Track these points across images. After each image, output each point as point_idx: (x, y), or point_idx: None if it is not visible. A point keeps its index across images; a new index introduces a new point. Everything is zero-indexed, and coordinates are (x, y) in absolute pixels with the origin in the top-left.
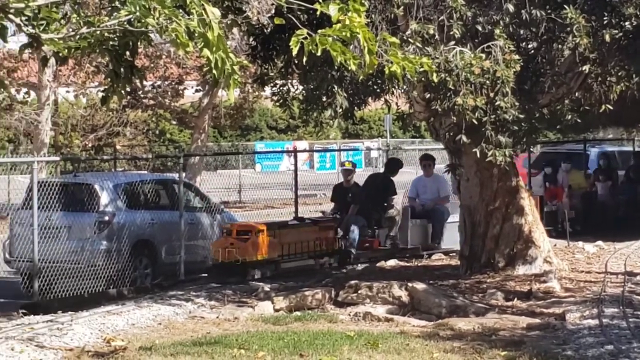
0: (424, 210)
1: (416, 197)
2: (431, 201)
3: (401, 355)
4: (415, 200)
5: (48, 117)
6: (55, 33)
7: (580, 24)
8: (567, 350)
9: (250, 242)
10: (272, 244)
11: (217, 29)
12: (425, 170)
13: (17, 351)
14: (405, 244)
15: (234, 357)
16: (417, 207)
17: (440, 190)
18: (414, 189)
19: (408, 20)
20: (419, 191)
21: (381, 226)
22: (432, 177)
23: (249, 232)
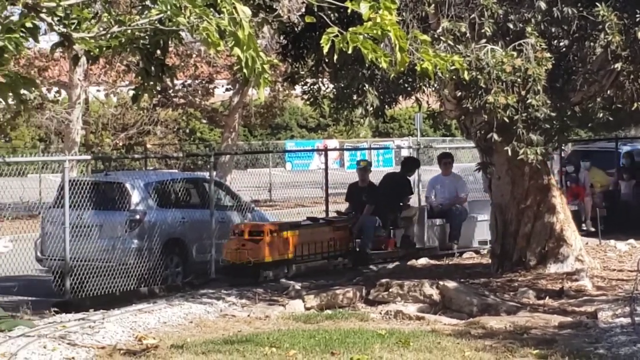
0: (441, 210)
1: (434, 196)
2: (449, 201)
3: (432, 354)
4: (433, 199)
5: (79, 116)
6: (86, 32)
7: (612, 22)
8: (599, 349)
9: (263, 243)
10: (285, 245)
11: (248, 27)
12: (444, 168)
13: (49, 349)
14: (421, 244)
15: (265, 355)
16: (435, 207)
17: (458, 190)
18: (431, 189)
19: (439, 18)
20: (436, 190)
21: (397, 226)
22: (450, 176)
23: (261, 233)
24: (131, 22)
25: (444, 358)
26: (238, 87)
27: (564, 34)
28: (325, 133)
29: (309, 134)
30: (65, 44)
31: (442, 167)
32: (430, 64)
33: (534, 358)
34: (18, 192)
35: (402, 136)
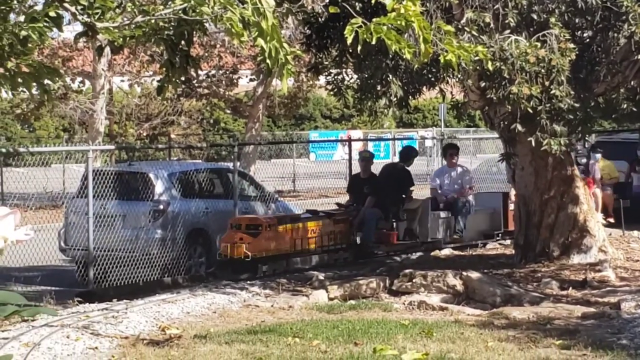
0: (446, 202)
1: (439, 188)
2: (454, 192)
3: (456, 344)
4: (438, 191)
5: (103, 106)
6: (110, 22)
7: (636, 12)
8: (622, 339)
9: (261, 237)
10: (284, 239)
11: (272, 18)
12: (449, 160)
13: (72, 339)
14: (425, 237)
15: (289, 345)
16: (440, 199)
17: (463, 181)
18: (436, 180)
19: (463, 8)
20: (441, 182)
21: (400, 219)
22: (456, 168)
23: (259, 227)
24: (155, 12)
25: (467, 348)
26: (262, 78)
27: (588, 25)
28: (349, 124)
29: (332, 124)
30: (89, 33)
31: (448, 158)
32: (454, 55)
33: (557, 348)
34: (42, 182)
35: (426, 127)
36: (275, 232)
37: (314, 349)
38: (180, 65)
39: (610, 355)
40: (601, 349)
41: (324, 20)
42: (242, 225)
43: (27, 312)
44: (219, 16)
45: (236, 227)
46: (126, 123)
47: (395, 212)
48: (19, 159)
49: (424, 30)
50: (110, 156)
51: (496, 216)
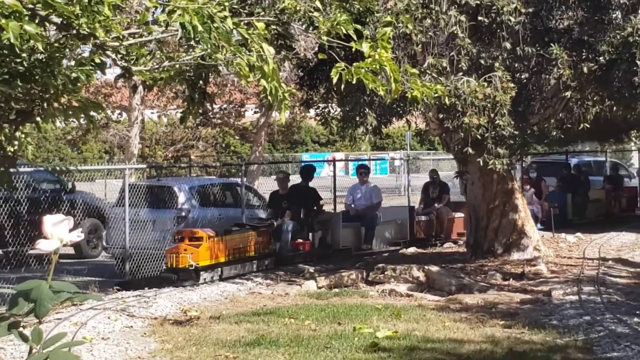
0: (357, 215)
1: (352, 202)
2: (364, 207)
3: (419, 324)
4: (351, 205)
5: (136, 133)
6: (143, 66)
7: (564, 59)
8: (553, 320)
9: (202, 248)
10: (221, 249)
11: (272, 63)
12: (360, 178)
13: (112, 319)
14: (337, 245)
15: (285, 324)
16: (352, 212)
17: (373, 197)
18: (349, 196)
19: (425, 55)
20: (354, 197)
21: (313, 230)
22: (366, 185)
23: (201, 239)
24: (179, 58)
25: (428, 327)
26: (264, 111)
27: (525, 68)
28: (334, 147)
29: (320, 147)
30: (126, 75)
31: (359, 177)
32: (419, 92)
33: (500, 327)
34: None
35: (395, 150)
36: (213, 243)
37: (306, 327)
38: (199, 100)
39: (544, 333)
40: (536, 328)
41: (314, 65)
42: (185, 238)
43: (78, 298)
44: (230, 61)
45: (179, 239)
46: (155, 147)
47: (310, 223)
48: (69, 176)
49: (394, 72)
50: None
51: (403, 227)
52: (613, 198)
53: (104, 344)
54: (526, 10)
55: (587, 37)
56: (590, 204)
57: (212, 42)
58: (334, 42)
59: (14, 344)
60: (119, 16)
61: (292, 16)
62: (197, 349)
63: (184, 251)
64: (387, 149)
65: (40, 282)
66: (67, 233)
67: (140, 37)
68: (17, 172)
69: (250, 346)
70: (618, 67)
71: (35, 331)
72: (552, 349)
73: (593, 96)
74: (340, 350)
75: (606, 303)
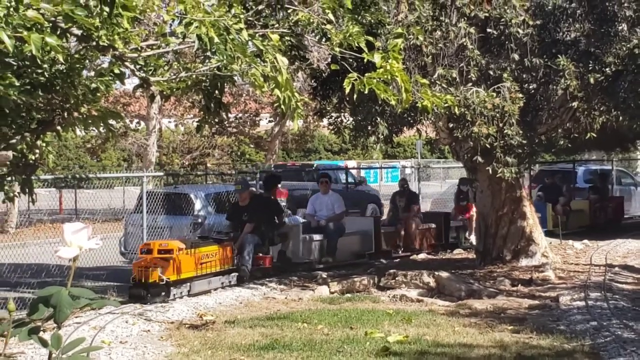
0: (319, 226)
1: (314, 213)
2: (326, 217)
3: (430, 329)
4: (313, 216)
5: (154, 141)
6: (160, 76)
7: (571, 70)
8: (561, 325)
9: (173, 261)
10: (190, 263)
11: (286, 73)
12: (322, 187)
13: (130, 324)
14: (297, 259)
15: (299, 329)
16: (313, 223)
17: (335, 207)
18: (311, 206)
19: (435, 66)
20: (315, 208)
21: (273, 243)
22: (329, 195)
23: (171, 251)
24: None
25: (438, 332)
26: (278, 120)
27: (533, 79)
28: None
29: (333, 156)
30: (144, 85)
31: (320, 187)
32: (429, 102)
33: (509, 332)
34: (106, 200)
35: (406, 158)
36: (183, 256)
37: (319, 332)
38: (215, 110)
39: (551, 338)
40: (544, 333)
41: (327, 75)
42: (154, 250)
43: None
44: (245, 72)
45: (147, 252)
46: (172, 155)
47: (271, 237)
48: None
49: (405, 83)
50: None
51: (367, 238)
52: (598, 208)
53: (121, 348)
54: (534, 23)
55: (593, 48)
56: (574, 214)
57: (227, 53)
58: (347, 53)
59: (35, 347)
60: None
61: (305, 28)
62: (212, 352)
63: (153, 265)
64: (398, 157)
65: (59, 288)
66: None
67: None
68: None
69: (265, 350)
70: (624, 78)
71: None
72: (560, 354)
73: (599, 106)
74: (352, 355)
75: (613, 309)
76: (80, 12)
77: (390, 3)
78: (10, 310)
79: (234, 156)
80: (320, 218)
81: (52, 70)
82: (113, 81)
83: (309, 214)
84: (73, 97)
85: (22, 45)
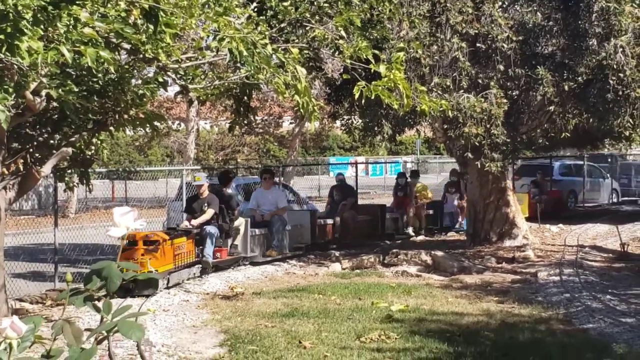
0: (263, 220)
1: (257, 208)
2: (269, 212)
3: (426, 299)
4: (256, 211)
5: (193, 140)
6: (197, 84)
7: (548, 79)
8: (539, 297)
9: (160, 252)
10: (170, 254)
11: (304, 82)
12: (265, 183)
13: (172, 294)
14: (245, 252)
15: (315, 299)
16: (257, 218)
17: (278, 202)
18: (254, 201)
19: (432, 75)
20: (259, 202)
21: (229, 236)
22: (271, 190)
23: (157, 242)
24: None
25: (434, 302)
26: (298, 121)
27: (515, 87)
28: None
29: (345, 152)
30: (183, 92)
31: (263, 182)
32: (426, 106)
33: (494, 303)
34: (152, 190)
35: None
36: (167, 247)
37: (332, 302)
38: (244, 113)
39: (531, 307)
40: (524, 303)
41: (339, 83)
42: (139, 242)
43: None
44: (269, 80)
45: (131, 242)
46: (208, 151)
47: (227, 230)
48: (137, 175)
49: (406, 90)
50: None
51: (304, 231)
52: (537, 202)
53: (164, 315)
54: (517, 38)
55: (567, 60)
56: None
57: (254, 64)
58: (356, 64)
59: (90, 314)
60: (178, 43)
61: (321, 43)
62: (241, 319)
63: (141, 256)
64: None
65: (110, 262)
66: (132, 222)
67: (195, 60)
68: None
69: (286, 317)
70: (593, 86)
71: (106, 303)
72: (538, 321)
73: (573, 110)
74: (361, 321)
75: (583, 283)
76: (128, 30)
77: (393, 21)
78: (67, 281)
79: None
80: (263, 212)
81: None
82: (157, 88)
83: (251, 208)
84: (123, 101)
85: (79, 57)
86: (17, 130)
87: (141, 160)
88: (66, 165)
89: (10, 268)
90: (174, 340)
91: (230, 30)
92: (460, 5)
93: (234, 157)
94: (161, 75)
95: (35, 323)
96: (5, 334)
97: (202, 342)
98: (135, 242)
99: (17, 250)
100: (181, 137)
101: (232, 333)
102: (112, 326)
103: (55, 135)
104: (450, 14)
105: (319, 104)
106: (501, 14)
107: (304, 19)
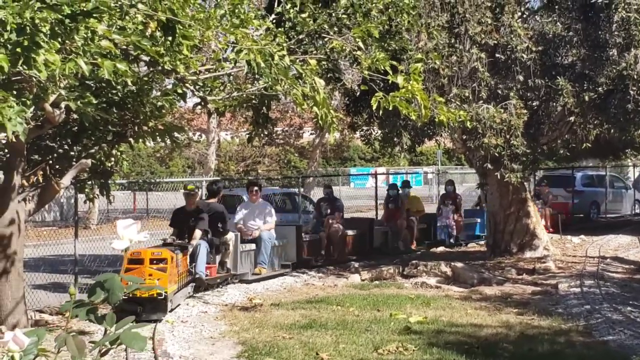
0: (251, 236)
1: (242, 222)
2: (258, 227)
3: (445, 311)
4: (242, 226)
5: (213, 151)
6: (216, 96)
7: (568, 89)
8: (559, 309)
9: (169, 271)
10: (176, 273)
11: (323, 93)
12: (252, 196)
13: (190, 306)
14: (235, 269)
15: (333, 311)
16: (244, 233)
17: (265, 216)
18: (240, 214)
19: (451, 86)
20: (245, 217)
21: (219, 252)
22: (258, 203)
23: (165, 260)
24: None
25: (453, 314)
26: (318, 133)
27: (535, 97)
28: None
29: (365, 163)
30: (202, 103)
31: (250, 195)
32: (445, 117)
33: (514, 314)
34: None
35: (428, 165)
36: (177, 264)
37: (350, 313)
38: (263, 124)
39: (551, 319)
40: (544, 315)
41: (358, 94)
42: (146, 260)
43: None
44: (288, 92)
45: (137, 261)
46: (229, 162)
47: (217, 245)
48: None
49: (424, 101)
50: None
51: (289, 248)
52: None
53: (182, 326)
54: (536, 49)
55: (588, 71)
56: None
57: (272, 76)
58: (374, 75)
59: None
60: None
61: (339, 54)
62: (259, 330)
63: (149, 276)
64: (421, 164)
65: (113, 275)
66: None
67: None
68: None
69: (304, 328)
70: (614, 96)
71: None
72: (558, 333)
73: (593, 120)
74: (378, 333)
75: (604, 294)
76: (146, 42)
77: (411, 32)
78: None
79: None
80: (250, 229)
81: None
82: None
83: (237, 223)
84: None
85: (97, 70)
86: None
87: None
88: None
89: (31, 279)
90: (191, 352)
91: (248, 42)
92: (480, 16)
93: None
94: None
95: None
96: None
97: (219, 353)
98: (142, 260)
99: (37, 262)
100: (202, 149)
101: (250, 344)
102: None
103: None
104: (469, 25)
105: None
106: (520, 24)
107: (322, 31)
